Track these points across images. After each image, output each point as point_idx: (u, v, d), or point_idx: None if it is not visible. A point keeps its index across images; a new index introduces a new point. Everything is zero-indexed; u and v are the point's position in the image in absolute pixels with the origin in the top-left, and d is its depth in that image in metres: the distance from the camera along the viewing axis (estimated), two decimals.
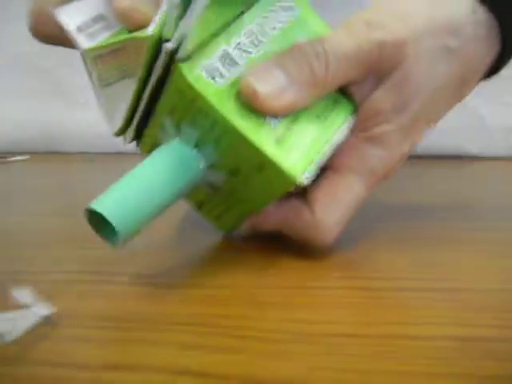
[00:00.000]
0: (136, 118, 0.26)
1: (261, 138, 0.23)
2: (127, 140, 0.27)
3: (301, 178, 0.24)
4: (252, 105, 0.23)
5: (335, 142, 0.26)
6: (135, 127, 0.26)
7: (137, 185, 0.23)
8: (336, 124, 0.26)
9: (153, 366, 0.18)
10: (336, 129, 0.26)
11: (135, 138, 0.27)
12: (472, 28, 0.26)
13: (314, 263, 0.26)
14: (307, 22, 0.27)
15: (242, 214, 0.28)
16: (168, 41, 0.22)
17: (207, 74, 0.23)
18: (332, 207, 0.26)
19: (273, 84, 0.24)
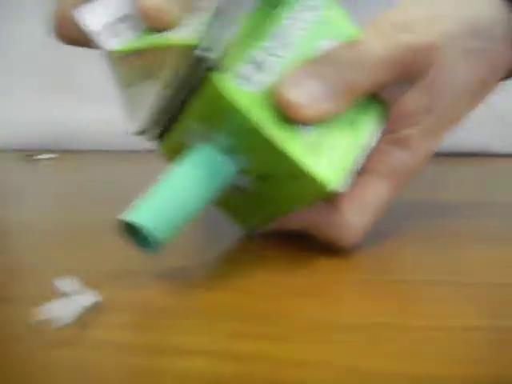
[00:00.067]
0: (159, 119, 0.25)
1: (294, 147, 0.23)
2: (148, 139, 0.26)
3: (335, 186, 0.24)
4: (285, 114, 0.23)
5: (368, 147, 0.26)
6: (158, 128, 0.26)
7: (171, 194, 0.24)
8: (368, 128, 0.26)
9: (200, 351, 0.19)
10: (369, 133, 0.26)
11: (157, 138, 0.26)
12: (498, 29, 0.26)
13: (341, 261, 0.27)
14: (334, 22, 0.26)
15: (268, 216, 0.28)
16: (199, 47, 0.22)
17: (237, 82, 0.23)
18: (359, 209, 0.26)
19: (307, 93, 0.23)
